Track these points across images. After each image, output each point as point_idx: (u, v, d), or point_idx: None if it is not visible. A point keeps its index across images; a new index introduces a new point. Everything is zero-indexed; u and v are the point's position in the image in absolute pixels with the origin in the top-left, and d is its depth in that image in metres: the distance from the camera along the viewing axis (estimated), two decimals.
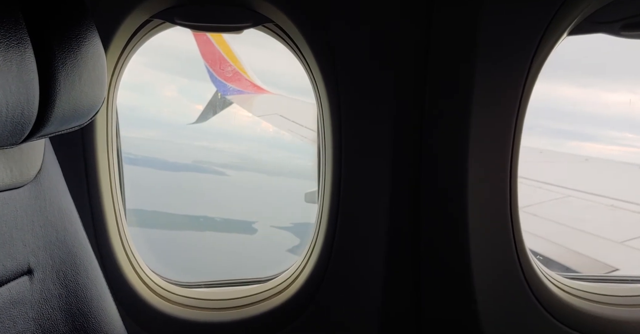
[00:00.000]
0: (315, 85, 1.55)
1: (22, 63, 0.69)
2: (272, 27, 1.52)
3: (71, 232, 0.96)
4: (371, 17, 1.46)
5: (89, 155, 1.45)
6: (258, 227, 9.79)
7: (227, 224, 9.96)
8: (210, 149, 15.17)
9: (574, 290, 1.63)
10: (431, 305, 1.63)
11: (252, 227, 9.78)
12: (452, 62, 1.47)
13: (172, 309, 1.60)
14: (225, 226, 9.89)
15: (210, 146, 15.35)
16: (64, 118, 0.81)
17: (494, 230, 1.50)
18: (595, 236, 5.16)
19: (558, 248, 4.88)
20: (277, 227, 9.64)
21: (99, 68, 0.87)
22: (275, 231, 9.56)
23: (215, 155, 14.61)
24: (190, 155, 13.95)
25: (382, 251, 1.59)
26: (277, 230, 9.57)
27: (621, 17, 1.39)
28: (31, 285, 0.86)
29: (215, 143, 15.65)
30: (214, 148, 15.29)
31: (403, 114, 1.52)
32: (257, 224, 9.88)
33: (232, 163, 14.25)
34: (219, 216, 10.10)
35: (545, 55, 1.41)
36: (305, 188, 5.26)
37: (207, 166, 13.51)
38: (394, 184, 1.55)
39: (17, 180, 0.85)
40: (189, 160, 13.57)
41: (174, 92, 24.48)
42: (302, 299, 1.62)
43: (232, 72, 10.32)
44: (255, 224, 9.88)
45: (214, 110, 11.74)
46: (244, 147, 16.39)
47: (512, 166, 1.47)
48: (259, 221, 9.96)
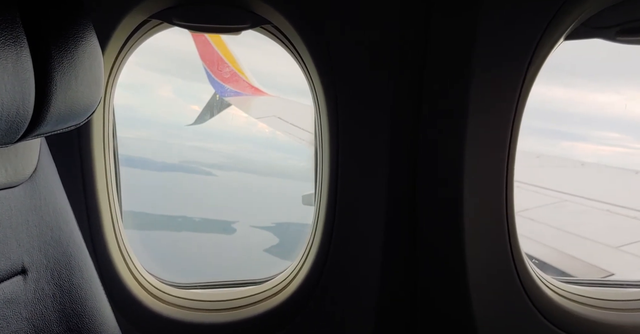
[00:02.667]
0: (312, 86, 1.55)
1: (17, 61, 0.69)
2: (270, 28, 1.52)
3: (66, 232, 0.95)
4: (369, 20, 1.46)
5: (85, 155, 1.44)
6: (238, 227, 9.71)
7: (206, 224, 9.88)
8: (202, 149, 15.07)
9: (568, 294, 1.64)
10: (427, 307, 1.63)
11: (231, 227, 9.71)
12: (449, 66, 1.48)
13: (167, 310, 1.60)
14: (203, 226, 9.81)
15: (203, 146, 15.25)
16: (59, 118, 0.81)
17: (489, 233, 1.51)
18: (591, 241, 5.17)
19: (554, 252, 4.89)
20: (258, 227, 9.60)
21: (96, 68, 0.87)
22: (255, 231, 9.51)
23: (205, 155, 14.51)
24: (179, 155, 13.83)
25: (379, 254, 1.59)
26: (257, 230, 9.53)
27: (617, 22, 1.39)
28: (25, 285, 0.86)
29: (208, 143, 15.56)
30: (205, 149, 15.19)
31: (400, 116, 1.52)
32: (237, 224, 9.81)
33: (222, 163, 14.16)
34: (198, 216, 10.01)
35: (541, 59, 1.41)
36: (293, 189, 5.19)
37: (195, 166, 13.41)
38: (391, 186, 1.55)
39: (12, 179, 0.85)
40: (176, 160, 13.45)
41: (169, 92, 24.44)
42: (298, 301, 1.62)
43: (230, 73, 10.32)
44: (235, 224, 9.80)
45: (211, 111, 11.73)
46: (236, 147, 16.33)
47: (509, 169, 1.48)
48: (240, 221, 9.89)
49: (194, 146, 14.93)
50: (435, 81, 1.50)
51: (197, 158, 14.03)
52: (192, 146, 14.89)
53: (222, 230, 9.68)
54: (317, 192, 1.66)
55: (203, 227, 9.79)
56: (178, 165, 13.21)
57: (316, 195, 1.67)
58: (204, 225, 9.84)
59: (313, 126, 1.67)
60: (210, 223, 9.92)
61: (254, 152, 15.43)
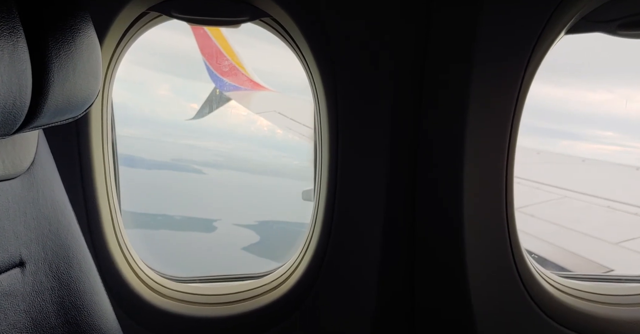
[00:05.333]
0: (312, 80, 1.55)
1: (14, 52, 0.68)
2: (269, 21, 1.51)
3: (64, 225, 0.95)
4: (369, 13, 1.45)
5: (84, 148, 1.44)
6: (219, 225, 9.59)
7: (186, 222, 9.73)
8: (195, 147, 14.90)
9: (567, 289, 1.64)
10: (426, 302, 1.63)
11: (212, 225, 9.59)
12: (450, 59, 1.47)
13: (166, 303, 1.60)
14: (183, 225, 9.66)
15: (196, 144, 15.08)
16: (57, 110, 0.80)
17: (489, 229, 1.50)
18: (592, 237, 5.18)
19: (554, 248, 4.89)
20: (240, 225, 9.48)
21: (94, 60, 0.86)
22: (236, 229, 9.40)
23: (198, 153, 14.32)
24: (170, 153, 13.64)
25: (378, 249, 1.58)
26: (239, 228, 9.41)
27: (619, 16, 1.38)
28: (23, 277, 0.86)
29: (203, 141, 15.38)
30: (199, 147, 15.01)
31: (400, 109, 1.52)
32: (220, 222, 9.69)
33: (214, 161, 13.99)
34: (179, 215, 9.88)
35: (542, 54, 1.41)
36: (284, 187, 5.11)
37: (186, 164, 13.24)
38: (390, 181, 1.55)
39: (9, 171, 0.85)
40: (167, 158, 13.26)
41: (167, 91, 24.31)
42: (297, 296, 1.62)
43: (229, 66, 10.27)
44: (216, 222, 9.68)
45: (211, 106, 11.71)
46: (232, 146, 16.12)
47: (508, 166, 1.47)
48: (222, 219, 9.77)
49: (187, 144, 14.75)
50: (436, 74, 1.49)
51: (190, 156, 13.88)
52: (186, 144, 14.70)
53: (202, 228, 9.55)
54: (316, 187, 1.66)
55: (183, 225, 9.64)
56: (168, 163, 13.02)
57: (315, 190, 1.66)
58: (184, 223, 9.69)
59: (313, 121, 1.66)
60: (191, 221, 9.78)
61: (250, 150, 15.27)
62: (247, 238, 8.86)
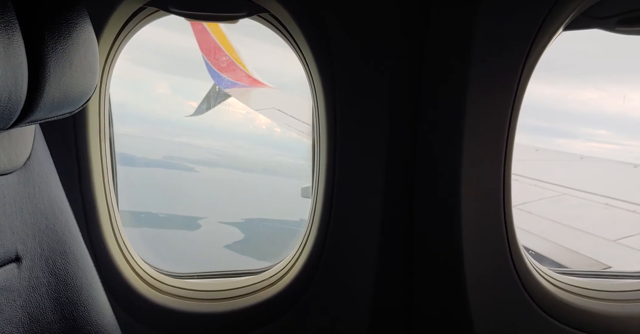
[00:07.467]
0: (310, 75, 1.54)
1: (9, 46, 0.68)
2: (267, 16, 1.51)
3: (61, 220, 0.95)
4: (367, 10, 1.45)
5: (81, 143, 1.43)
6: (204, 223, 9.48)
7: (170, 220, 9.62)
8: (189, 145, 14.74)
9: (564, 285, 1.64)
10: (423, 298, 1.63)
11: (196, 223, 9.49)
12: (448, 57, 1.47)
13: (163, 299, 1.60)
14: (167, 223, 9.54)
15: (191, 142, 14.91)
16: (53, 105, 0.80)
17: (487, 227, 1.50)
18: (589, 234, 5.18)
19: (551, 245, 4.90)
20: (225, 223, 9.39)
21: (91, 55, 0.86)
22: (221, 227, 9.30)
23: (191, 151, 14.16)
24: (164, 152, 13.49)
25: (375, 246, 1.59)
26: (223, 226, 9.32)
27: (617, 12, 1.38)
28: (19, 273, 0.86)
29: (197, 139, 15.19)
30: (192, 145, 14.85)
31: (398, 109, 1.52)
32: (205, 220, 9.58)
33: (207, 159, 13.85)
34: (164, 213, 9.74)
35: (540, 50, 1.40)
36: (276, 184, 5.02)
37: (178, 162, 13.10)
38: (388, 179, 1.55)
39: (5, 166, 0.85)
40: (159, 156, 13.10)
41: (166, 89, 24.19)
42: (294, 292, 1.62)
43: (227, 62, 10.21)
44: (201, 220, 9.58)
45: (209, 102, 11.69)
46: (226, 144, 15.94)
47: (506, 163, 1.47)
48: (208, 217, 9.66)
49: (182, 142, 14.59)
50: (434, 73, 1.49)
51: (183, 154, 13.72)
52: (180, 142, 14.53)
53: (185, 226, 9.44)
54: (314, 186, 1.66)
55: (166, 223, 9.52)
56: (160, 161, 12.86)
57: (313, 188, 1.66)
58: (167, 221, 9.57)
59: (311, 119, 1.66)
60: (175, 219, 9.67)
61: (244, 148, 15.14)
62: (231, 236, 8.77)
